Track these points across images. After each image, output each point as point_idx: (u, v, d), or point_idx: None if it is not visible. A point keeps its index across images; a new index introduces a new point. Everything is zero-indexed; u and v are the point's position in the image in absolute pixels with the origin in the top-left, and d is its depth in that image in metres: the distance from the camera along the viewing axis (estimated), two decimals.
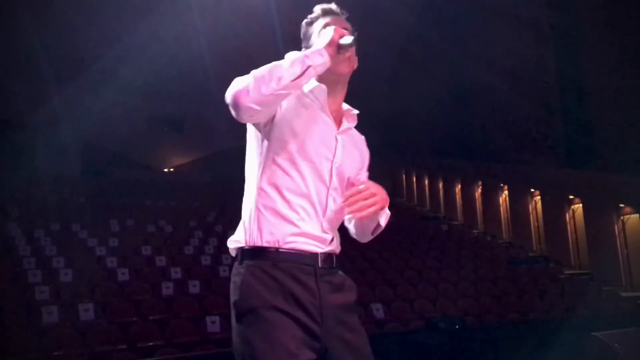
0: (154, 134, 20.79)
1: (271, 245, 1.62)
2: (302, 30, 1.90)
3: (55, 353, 5.38)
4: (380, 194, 1.65)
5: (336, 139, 1.75)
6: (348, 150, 1.79)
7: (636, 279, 12.16)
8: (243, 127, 1.78)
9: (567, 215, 14.42)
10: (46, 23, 14.74)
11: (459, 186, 18.14)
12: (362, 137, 1.92)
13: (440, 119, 18.08)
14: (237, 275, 1.65)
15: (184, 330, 6.31)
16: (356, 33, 1.71)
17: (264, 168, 1.67)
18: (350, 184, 1.74)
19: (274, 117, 1.67)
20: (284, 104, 1.67)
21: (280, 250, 1.61)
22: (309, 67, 1.57)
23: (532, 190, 15.54)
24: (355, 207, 1.60)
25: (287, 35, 15.69)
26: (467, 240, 13.58)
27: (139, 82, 16.56)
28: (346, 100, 1.87)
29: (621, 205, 12.67)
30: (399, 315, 7.47)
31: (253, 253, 1.64)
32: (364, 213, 1.61)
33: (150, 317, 6.58)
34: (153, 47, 15.51)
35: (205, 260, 9.21)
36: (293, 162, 1.66)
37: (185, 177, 21.70)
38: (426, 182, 20.00)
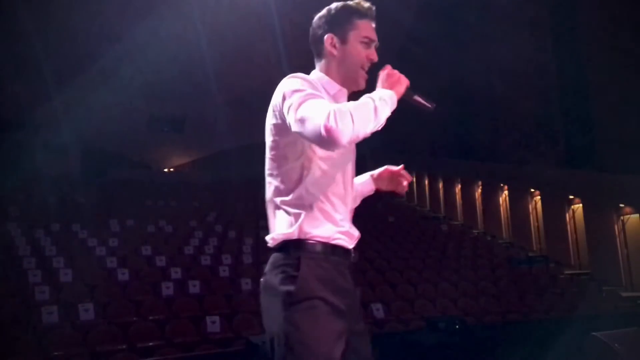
0: (154, 134, 20.79)
1: (323, 240, 1.73)
2: (336, 10, 1.83)
3: (55, 353, 5.39)
4: None
5: None
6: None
7: (636, 279, 12.16)
8: (243, 128, 1.78)
9: (567, 215, 14.42)
10: (46, 23, 14.74)
11: (459, 186, 18.15)
12: None
13: (440, 119, 18.08)
14: (288, 265, 1.71)
15: (184, 330, 6.31)
16: (434, 104, 1.84)
17: (308, 170, 1.75)
18: None
19: None
20: None
21: (330, 245, 1.74)
22: (387, 116, 1.68)
23: (532, 190, 15.53)
24: (405, 185, 2.10)
25: (287, 35, 15.72)
26: (467, 240, 13.58)
27: (139, 82, 16.58)
28: (348, 99, 1.92)
29: (621, 205, 12.67)
30: (399, 315, 7.47)
31: (306, 246, 1.73)
32: (403, 190, 2.11)
33: (150, 317, 6.58)
34: (153, 47, 15.52)
35: (205, 260, 9.21)
36: (335, 168, 1.77)
37: (185, 177, 21.69)
38: (426, 182, 20.00)
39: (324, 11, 1.86)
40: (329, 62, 1.84)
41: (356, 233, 1.85)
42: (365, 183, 2.13)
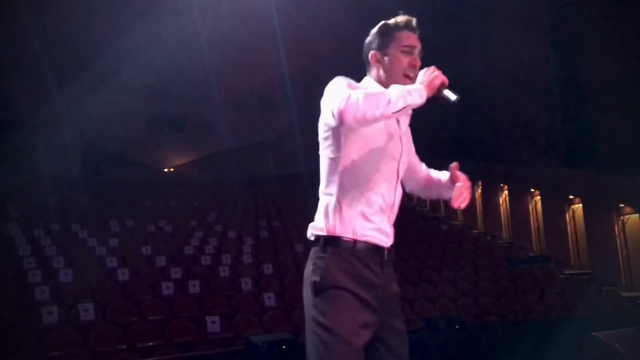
0: (154, 134, 20.80)
1: (351, 237, 1.85)
2: (378, 29, 2.03)
3: (55, 353, 5.38)
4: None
5: (401, 139, 1.98)
6: (407, 147, 2.04)
7: (636, 279, 12.16)
8: (243, 128, 1.79)
9: (567, 215, 14.42)
10: (46, 23, 14.73)
11: None
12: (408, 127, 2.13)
13: (440, 119, 18.07)
14: (318, 258, 1.85)
15: (184, 330, 6.31)
16: (459, 97, 1.85)
17: (344, 168, 1.87)
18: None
19: None
20: None
21: (358, 241, 1.85)
22: (408, 105, 1.74)
23: (532, 190, 15.53)
24: (461, 200, 2.02)
25: (287, 35, 15.71)
26: (467, 240, 13.58)
27: (139, 82, 16.57)
28: None
29: (621, 205, 12.67)
30: None
31: (335, 242, 1.85)
32: (463, 205, 2.02)
33: (150, 317, 6.58)
34: (153, 47, 15.51)
35: (205, 260, 9.20)
36: (372, 165, 1.87)
37: (185, 177, 21.70)
38: None
39: (370, 34, 2.07)
40: (376, 72, 2.02)
41: (391, 231, 1.94)
42: (445, 183, 2.21)
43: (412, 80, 1.91)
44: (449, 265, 10.24)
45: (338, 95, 1.74)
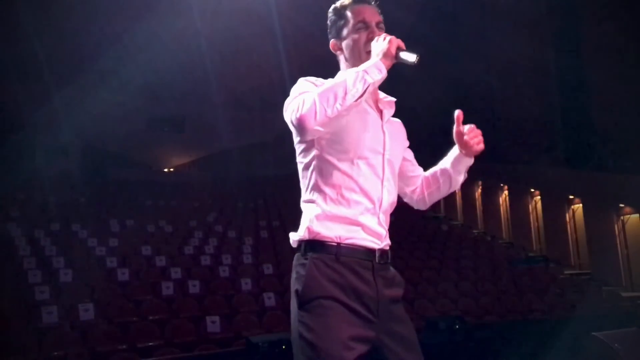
0: (154, 134, 20.79)
1: (333, 240, 1.67)
2: (329, 17, 1.89)
3: (55, 353, 5.39)
4: None
5: (383, 131, 1.81)
6: (394, 139, 1.86)
7: (636, 279, 12.16)
8: (243, 128, 1.78)
9: (567, 215, 14.42)
10: (46, 23, 14.74)
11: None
12: (399, 121, 1.98)
13: (440, 118, 18.05)
14: (300, 266, 1.71)
15: (183, 330, 6.31)
16: (418, 56, 1.70)
17: (320, 168, 1.72)
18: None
19: None
20: None
21: (342, 245, 1.67)
22: (369, 84, 1.61)
23: (532, 190, 15.53)
24: (476, 140, 1.92)
25: (287, 36, 15.71)
26: (467, 240, 13.57)
27: (139, 82, 16.58)
28: None
29: (621, 205, 12.67)
30: None
31: (316, 246, 1.69)
32: (478, 147, 1.94)
33: (150, 317, 6.59)
34: (153, 47, 15.51)
35: (205, 260, 9.21)
36: (349, 162, 1.71)
37: (185, 177, 21.67)
38: None
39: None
40: (343, 62, 1.89)
41: (383, 231, 1.75)
42: (456, 161, 2.08)
43: None
44: (449, 265, 10.24)
45: (292, 104, 1.62)
